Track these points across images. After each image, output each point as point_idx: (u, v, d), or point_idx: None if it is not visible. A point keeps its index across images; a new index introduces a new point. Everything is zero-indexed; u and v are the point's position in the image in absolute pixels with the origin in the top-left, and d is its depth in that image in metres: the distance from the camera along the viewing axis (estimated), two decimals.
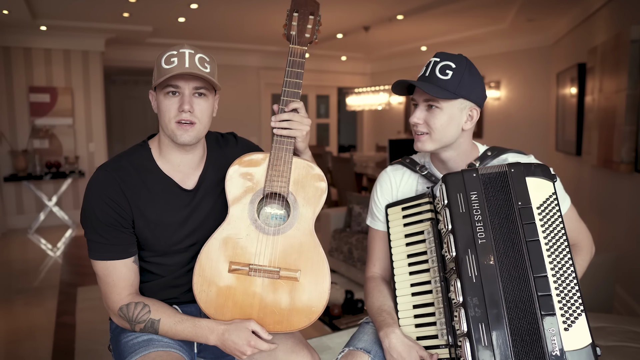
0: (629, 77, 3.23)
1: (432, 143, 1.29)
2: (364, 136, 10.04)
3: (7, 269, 4.57)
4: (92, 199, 1.23)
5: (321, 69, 9.18)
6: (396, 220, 1.36)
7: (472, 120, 1.29)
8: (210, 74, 1.25)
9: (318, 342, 2.80)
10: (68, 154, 6.35)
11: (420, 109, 1.29)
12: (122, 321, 1.28)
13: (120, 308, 1.26)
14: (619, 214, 3.63)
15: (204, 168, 1.36)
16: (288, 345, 1.31)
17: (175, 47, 1.26)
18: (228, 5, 5.06)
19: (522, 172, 1.20)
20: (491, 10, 5.30)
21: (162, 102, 1.25)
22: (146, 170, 1.29)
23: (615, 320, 2.19)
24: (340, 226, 4.26)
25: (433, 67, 1.26)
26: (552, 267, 1.13)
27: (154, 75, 1.26)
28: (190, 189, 1.33)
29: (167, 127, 1.25)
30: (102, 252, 1.24)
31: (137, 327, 1.27)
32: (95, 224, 1.23)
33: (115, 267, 1.25)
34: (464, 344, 1.09)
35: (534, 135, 6.34)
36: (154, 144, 1.34)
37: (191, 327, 1.25)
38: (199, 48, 1.29)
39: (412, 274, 1.30)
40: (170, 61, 1.22)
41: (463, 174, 1.21)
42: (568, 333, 1.09)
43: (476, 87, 1.27)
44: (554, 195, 1.19)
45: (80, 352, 2.83)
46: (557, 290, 1.11)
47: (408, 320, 1.28)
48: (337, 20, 5.84)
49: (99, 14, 5.33)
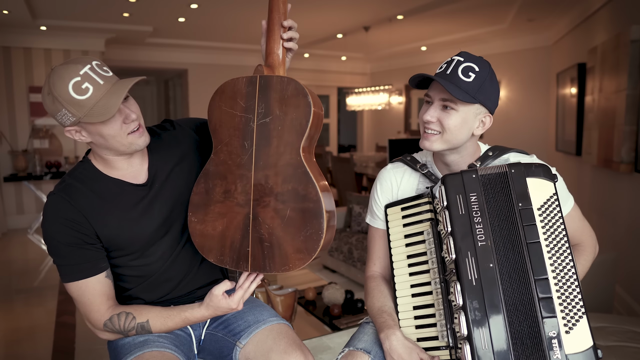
0: (629, 77, 3.23)
1: (442, 143, 1.25)
2: (364, 136, 10.04)
3: (7, 269, 4.57)
4: (51, 226, 1.22)
5: (321, 69, 9.18)
6: (396, 220, 1.35)
7: (484, 127, 1.26)
8: (131, 79, 1.19)
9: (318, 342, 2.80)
10: (68, 154, 6.35)
11: (435, 107, 1.24)
12: (112, 335, 1.30)
13: (104, 324, 1.26)
14: (619, 214, 3.63)
15: (149, 160, 1.35)
16: (281, 346, 1.31)
17: (69, 71, 1.12)
18: (228, 5, 5.05)
19: (523, 173, 1.18)
20: (491, 10, 5.30)
21: (103, 130, 1.18)
22: (92, 180, 1.27)
23: (615, 320, 2.18)
24: (340, 226, 4.25)
25: (456, 66, 1.21)
26: (553, 269, 1.12)
27: (72, 112, 1.14)
28: (142, 182, 1.31)
29: (122, 144, 1.21)
30: (72, 274, 1.24)
31: (129, 334, 1.29)
32: (60, 249, 1.22)
33: (88, 286, 1.25)
34: (464, 347, 1.08)
35: (534, 135, 6.34)
36: (92, 158, 1.31)
37: (181, 321, 1.30)
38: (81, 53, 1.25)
39: (412, 275, 1.28)
40: (82, 89, 1.12)
41: (462, 175, 1.19)
42: (569, 336, 1.07)
43: (494, 94, 1.24)
44: (554, 196, 1.17)
45: (80, 352, 2.84)
46: (558, 292, 1.10)
47: (408, 321, 1.27)
48: (337, 20, 5.84)
49: (99, 14, 5.33)
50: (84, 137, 1.21)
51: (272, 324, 1.38)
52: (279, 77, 1.18)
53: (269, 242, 1.18)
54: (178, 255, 1.35)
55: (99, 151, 1.26)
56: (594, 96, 4.12)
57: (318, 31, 6.54)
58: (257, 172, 1.18)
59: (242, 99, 1.18)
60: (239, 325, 1.39)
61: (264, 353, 1.31)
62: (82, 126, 1.19)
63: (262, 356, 1.31)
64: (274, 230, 1.17)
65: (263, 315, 1.41)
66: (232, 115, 1.19)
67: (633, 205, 3.34)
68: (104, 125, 1.17)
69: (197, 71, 7.59)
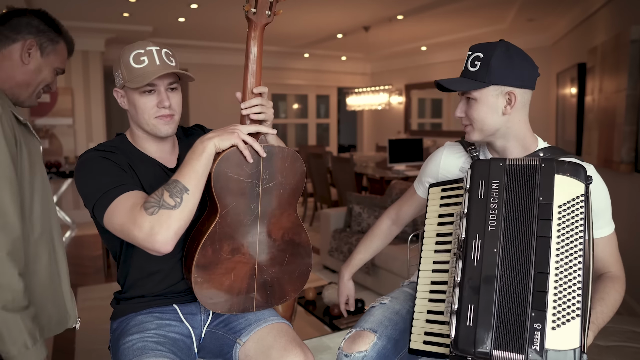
0: (629, 77, 3.24)
1: (477, 133, 1.31)
2: (364, 136, 10.05)
3: None
4: (93, 162, 1.22)
5: (321, 69, 9.18)
6: (434, 200, 1.42)
7: (513, 104, 1.25)
8: (177, 67, 1.32)
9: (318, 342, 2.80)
10: (68, 154, 6.35)
11: (462, 102, 1.32)
12: (157, 211, 1.12)
13: (144, 206, 1.13)
14: (619, 213, 3.62)
15: (180, 151, 1.44)
16: (281, 344, 1.32)
17: (140, 45, 1.29)
18: (228, 5, 5.06)
19: (553, 168, 1.18)
20: (491, 10, 5.30)
21: (138, 100, 1.29)
22: (130, 152, 1.35)
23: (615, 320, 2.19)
24: (340, 226, 4.25)
25: (466, 60, 1.30)
26: (557, 267, 1.12)
27: (123, 75, 1.28)
28: (173, 167, 1.40)
29: (147, 123, 1.31)
30: (111, 195, 1.16)
31: (174, 200, 1.14)
32: (101, 174, 1.20)
33: (131, 195, 1.17)
34: (452, 320, 1.15)
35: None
36: (129, 134, 1.40)
37: (196, 161, 1.17)
38: (161, 43, 1.33)
39: (436, 252, 1.36)
40: (140, 60, 1.27)
41: (490, 162, 1.24)
42: (555, 332, 1.09)
43: (511, 70, 1.24)
44: (581, 197, 1.16)
45: (80, 352, 2.84)
46: (555, 289, 1.11)
47: (424, 294, 1.34)
48: (337, 20, 5.84)
49: (99, 14, 5.33)
50: (124, 103, 1.33)
51: (273, 322, 1.39)
52: (280, 147, 1.32)
53: (271, 284, 1.37)
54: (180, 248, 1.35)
55: (132, 124, 1.37)
56: (594, 96, 4.12)
57: (318, 31, 6.54)
58: (262, 230, 1.33)
59: (248, 166, 1.27)
60: (239, 323, 1.40)
61: (264, 350, 1.31)
62: (125, 91, 1.31)
63: (262, 354, 1.32)
64: (276, 274, 1.37)
65: (264, 314, 1.42)
66: (238, 181, 1.27)
67: (633, 205, 3.34)
68: (139, 97, 1.29)
69: (196, 71, 7.59)
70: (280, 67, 8.62)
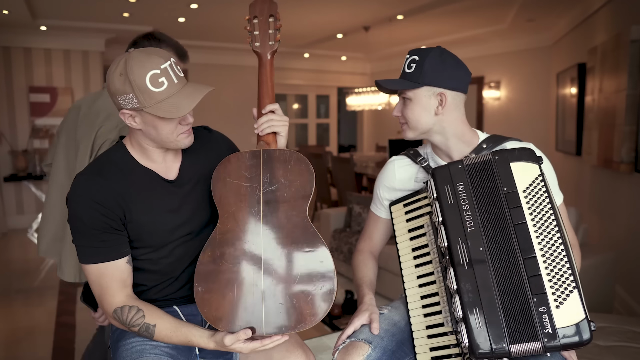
0: (628, 77, 3.24)
1: (411, 132, 1.38)
2: (364, 136, 10.05)
3: (7, 269, 4.57)
4: (78, 207, 1.21)
5: (321, 69, 9.18)
6: (399, 217, 1.42)
7: (444, 105, 1.32)
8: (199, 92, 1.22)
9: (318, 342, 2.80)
10: None
11: (399, 102, 1.40)
12: (117, 323, 1.27)
13: (114, 310, 1.25)
14: (618, 213, 3.63)
15: (182, 159, 1.38)
16: (283, 345, 1.31)
17: (153, 61, 1.16)
18: (228, 5, 5.06)
19: (506, 158, 1.24)
20: (491, 10, 5.30)
21: (158, 124, 1.21)
22: (126, 165, 1.29)
23: (615, 320, 2.19)
24: (340, 226, 4.25)
25: (404, 63, 1.37)
26: (541, 247, 1.16)
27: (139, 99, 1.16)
28: (172, 179, 1.34)
29: (171, 141, 1.26)
30: (92, 256, 1.23)
31: (132, 329, 1.26)
32: (84, 230, 1.22)
33: (107, 269, 1.24)
34: (461, 328, 1.14)
35: (534, 135, 6.33)
36: (128, 144, 1.32)
37: (185, 341, 1.24)
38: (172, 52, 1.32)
39: (417, 267, 1.35)
40: (159, 82, 1.16)
41: (449, 166, 1.27)
42: (560, 310, 1.11)
43: (443, 72, 1.31)
44: (539, 177, 1.22)
45: (80, 352, 2.83)
46: (547, 269, 1.14)
47: (417, 311, 1.33)
48: (337, 20, 5.84)
49: (99, 14, 5.33)
50: (135, 123, 1.22)
51: None
52: (281, 150, 1.29)
53: (282, 302, 1.21)
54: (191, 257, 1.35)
55: (142, 140, 1.28)
56: (594, 96, 4.12)
57: (318, 31, 6.54)
58: (267, 238, 1.24)
59: (246, 170, 1.25)
60: None
61: (266, 352, 1.31)
62: (140, 114, 1.20)
63: (264, 355, 1.31)
64: (288, 291, 1.21)
65: None
66: (237, 186, 1.26)
67: (633, 205, 3.34)
68: (162, 121, 1.21)
69: (196, 71, 7.59)
70: (281, 67, 8.61)
